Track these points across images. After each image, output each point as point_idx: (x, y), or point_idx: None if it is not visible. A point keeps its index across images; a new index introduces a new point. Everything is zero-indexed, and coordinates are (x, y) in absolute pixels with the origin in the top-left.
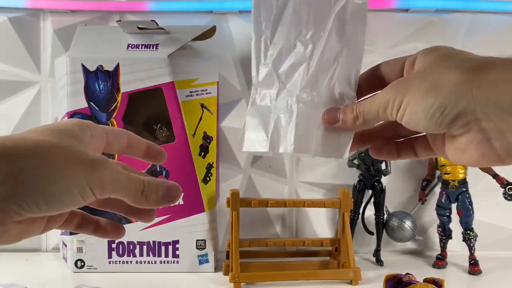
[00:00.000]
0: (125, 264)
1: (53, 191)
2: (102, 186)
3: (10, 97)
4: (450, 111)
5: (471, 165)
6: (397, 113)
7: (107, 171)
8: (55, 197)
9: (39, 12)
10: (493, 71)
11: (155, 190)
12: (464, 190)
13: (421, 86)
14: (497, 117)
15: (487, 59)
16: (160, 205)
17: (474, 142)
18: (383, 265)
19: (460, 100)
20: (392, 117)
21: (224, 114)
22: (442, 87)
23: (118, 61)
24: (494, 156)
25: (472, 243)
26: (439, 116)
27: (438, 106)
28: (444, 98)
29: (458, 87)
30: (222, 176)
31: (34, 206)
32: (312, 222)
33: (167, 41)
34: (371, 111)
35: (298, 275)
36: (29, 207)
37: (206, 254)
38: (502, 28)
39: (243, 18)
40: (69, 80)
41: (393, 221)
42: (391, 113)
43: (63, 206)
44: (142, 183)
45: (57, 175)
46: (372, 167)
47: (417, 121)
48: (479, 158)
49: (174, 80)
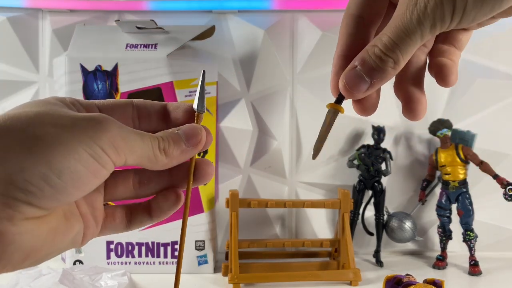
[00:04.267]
0: (123, 264)
1: (57, 157)
2: (115, 144)
3: (8, 97)
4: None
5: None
6: (453, 14)
7: (115, 127)
8: (62, 164)
9: (38, 11)
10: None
11: (173, 140)
12: (464, 191)
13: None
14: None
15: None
16: (187, 156)
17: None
18: (383, 266)
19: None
20: (448, 25)
21: (223, 114)
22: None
23: (117, 61)
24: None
25: (472, 244)
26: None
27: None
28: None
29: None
30: (221, 177)
31: (42, 182)
32: (311, 223)
33: (166, 40)
34: (407, 36)
35: (298, 276)
36: (37, 186)
37: (205, 255)
38: (502, 28)
39: (243, 18)
40: (68, 80)
41: (393, 222)
42: (445, 18)
43: (78, 175)
44: (156, 139)
45: (53, 140)
46: (372, 168)
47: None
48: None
49: (173, 80)
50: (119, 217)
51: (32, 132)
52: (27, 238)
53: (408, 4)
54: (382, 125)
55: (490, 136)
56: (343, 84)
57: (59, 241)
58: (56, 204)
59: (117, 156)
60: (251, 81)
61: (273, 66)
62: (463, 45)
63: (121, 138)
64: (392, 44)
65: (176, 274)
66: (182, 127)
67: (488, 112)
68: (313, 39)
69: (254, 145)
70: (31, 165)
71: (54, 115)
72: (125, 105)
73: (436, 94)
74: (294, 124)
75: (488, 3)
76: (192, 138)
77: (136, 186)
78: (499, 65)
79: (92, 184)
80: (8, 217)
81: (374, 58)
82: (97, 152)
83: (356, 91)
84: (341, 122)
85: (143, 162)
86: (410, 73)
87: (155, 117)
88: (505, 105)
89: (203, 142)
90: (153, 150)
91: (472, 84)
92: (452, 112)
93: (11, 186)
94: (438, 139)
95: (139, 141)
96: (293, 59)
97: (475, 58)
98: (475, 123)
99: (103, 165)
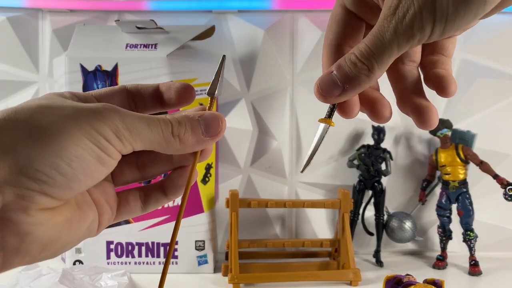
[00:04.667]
0: (123, 264)
1: (64, 146)
2: (118, 134)
3: (8, 97)
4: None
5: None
6: (434, 25)
7: (117, 116)
8: (70, 152)
9: (38, 11)
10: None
11: (191, 126)
12: (464, 191)
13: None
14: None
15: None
16: (202, 146)
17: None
18: (383, 266)
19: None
20: (429, 36)
21: (223, 114)
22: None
23: (117, 61)
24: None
25: (472, 244)
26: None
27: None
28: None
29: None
30: (221, 177)
31: (53, 171)
32: (311, 223)
33: (166, 40)
34: (383, 45)
35: (298, 276)
36: (48, 175)
37: (205, 255)
38: (502, 28)
39: (243, 18)
40: (68, 80)
41: (393, 222)
42: (424, 30)
43: (87, 162)
44: (168, 122)
45: (58, 129)
46: (372, 168)
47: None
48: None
49: (173, 80)
50: (133, 200)
51: (37, 123)
52: (43, 229)
53: (387, 14)
54: (382, 125)
55: (490, 136)
56: (317, 88)
57: (75, 231)
58: (69, 192)
59: (122, 145)
60: (251, 81)
61: (273, 66)
62: (452, 52)
63: (124, 127)
64: (368, 51)
65: (163, 270)
66: (204, 114)
67: (488, 112)
68: (313, 39)
69: (254, 145)
70: (40, 155)
71: (56, 106)
72: (120, 92)
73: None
74: (294, 124)
75: (471, 8)
76: (212, 127)
77: (142, 169)
78: (499, 65)
79: (101, 173)
80: (23, 208)
81: (349, 64)
82: (101, 142)
83: (328, 95)
84: (341, 122)
85: (154, 147)
86: (409, 87)
87: (149, 100)
88: (505, 105)
89: (221, 134)
90: (164, 135)
91: (472, 84)
92: (452, 112)
93: (23, 177)
94: (438, 139)
95: (146, 128)
96: (293, 59)
97: (475, 58)
98: (475, 123)
99: (109, 155)
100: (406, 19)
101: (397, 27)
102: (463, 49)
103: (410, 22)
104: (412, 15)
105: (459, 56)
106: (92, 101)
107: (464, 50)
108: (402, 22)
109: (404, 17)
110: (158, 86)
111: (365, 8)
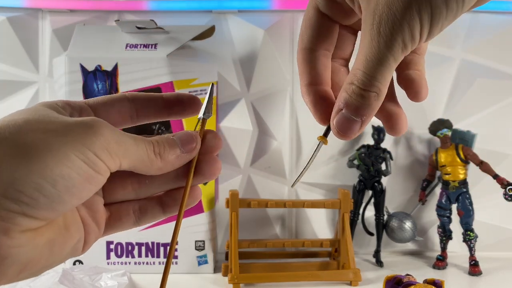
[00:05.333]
0: (123, 264)
1: (49, 165)
2: (108, 148)
3: (8, 97)
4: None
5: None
6: (421, 31)
7: (108, 131)
8: (54, 172)
9: (38, 11)
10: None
11: (168, 144)
12: (464, 191)
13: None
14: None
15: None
16: (181, 161)
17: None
18: (383, 266)
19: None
20: (418, 42)
21: (223, 114)
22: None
23: (117, 61)
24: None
25: (472, 244)
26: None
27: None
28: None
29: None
30: (221, 177)
31: (36, 192)
32: (311, 223)
33: (166, 40)
34: (380, 65)
35: (298, 276)
36: (31, 197)
37: (205, 255)
38: (502, 28)
39: (243, 18)
40: (68, 80)
41: (393, 222)
42: (414, 37)
43: (73, 182)
44: (150, 142)
45: (44, 147)
46: (372, 168)
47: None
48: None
49: (173, 80)
50: (125, 215)
51: (22, 140)
52: (24, 251)
53: (373, 34)
54: (382, 125)
55: (490, 136)
56: (336, 131)
57: (57, 252)
58: (53, 213)
59: (111, 161)
60: (251, 81)
61: (273, 66)
62: (424, 50)
63: (114, 142)
64: (368, 78)
65: (164, 271)
66: (177, 133)
67: (488, 112)
68: None
69: (254, 145)
70: (24, 175)
71: (44, 121)
72: (120, 100)
73: (436, 94)
74: (294, 124)
75: (452, 9)
76: (187, 144)
77: (136, 187)
78: (499, 65)
79: (89, 191)
80: (4, 230)
81: (355, 97)
82: (90, 158)
83: (350, 133)
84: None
85: (138, 166)
86: None
87: (153, 108)
88: (505, 105)
89: (197, 149)
90: (148, 154)
91: (472, 84)
92: (452, 112)
93: (4, 198)
94: (438, 139)
95: (133, 145)
96: (293, 59)
97: (475, 58)
98: (475, 123)
99: (98, 171)
100: (394, 35)
101: (387, 44)
102: (463, 49)
103: (399, 36)
104: (398, 28)
105: (459, 56)
106: (86, 112)
107: (464, 50)
108: (391, 38)
109: (392, 34)
110: (163, 96)
111: (338, 10)
